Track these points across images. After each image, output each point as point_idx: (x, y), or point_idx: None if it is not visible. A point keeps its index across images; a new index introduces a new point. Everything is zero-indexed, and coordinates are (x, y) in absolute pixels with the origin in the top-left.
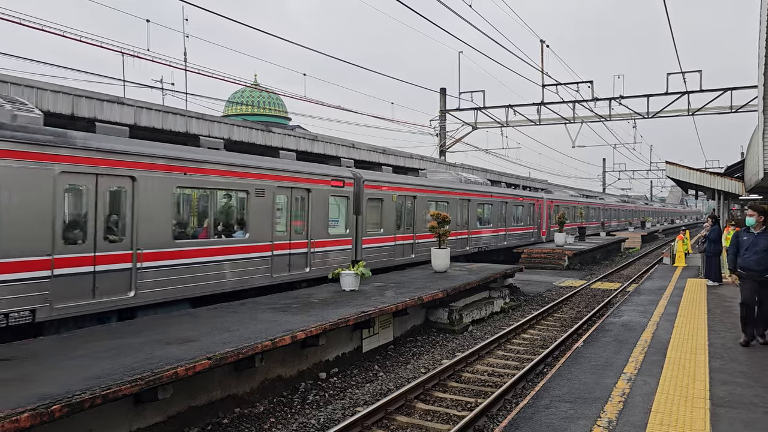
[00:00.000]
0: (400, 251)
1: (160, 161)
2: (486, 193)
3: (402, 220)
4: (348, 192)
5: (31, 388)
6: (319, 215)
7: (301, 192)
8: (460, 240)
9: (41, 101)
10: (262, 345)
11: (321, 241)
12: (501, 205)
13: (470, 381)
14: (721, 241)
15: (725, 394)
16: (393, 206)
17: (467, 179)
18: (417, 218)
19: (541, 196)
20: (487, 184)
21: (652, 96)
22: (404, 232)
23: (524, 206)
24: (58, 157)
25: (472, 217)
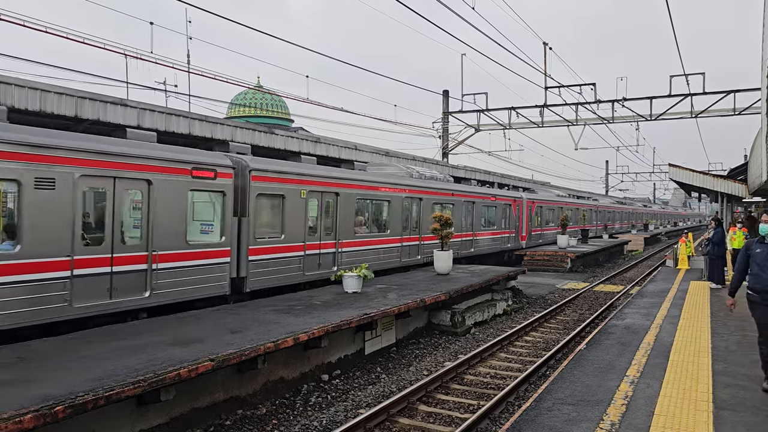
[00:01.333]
0: (314, 263)
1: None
2: (445, 190)
3: (318, 223)
4: (224, 185)
5: (34, 389)
6: (170, 217)
7: (133, 185)
8: (410, 247)
9: (45, 103)
10: (264, 347)
11: (172, 253)
12: (466, 205)
13: (473, 383)
14: (724, 244)
15: (728, 397)
16: (302, 205)
17: (422, 174)
18: (342, 220)
19: (520, 195)
20: (448, 181)
21: (655, 98)
22: (323, 237)
23: (498, 207)
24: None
25: (426, 218)
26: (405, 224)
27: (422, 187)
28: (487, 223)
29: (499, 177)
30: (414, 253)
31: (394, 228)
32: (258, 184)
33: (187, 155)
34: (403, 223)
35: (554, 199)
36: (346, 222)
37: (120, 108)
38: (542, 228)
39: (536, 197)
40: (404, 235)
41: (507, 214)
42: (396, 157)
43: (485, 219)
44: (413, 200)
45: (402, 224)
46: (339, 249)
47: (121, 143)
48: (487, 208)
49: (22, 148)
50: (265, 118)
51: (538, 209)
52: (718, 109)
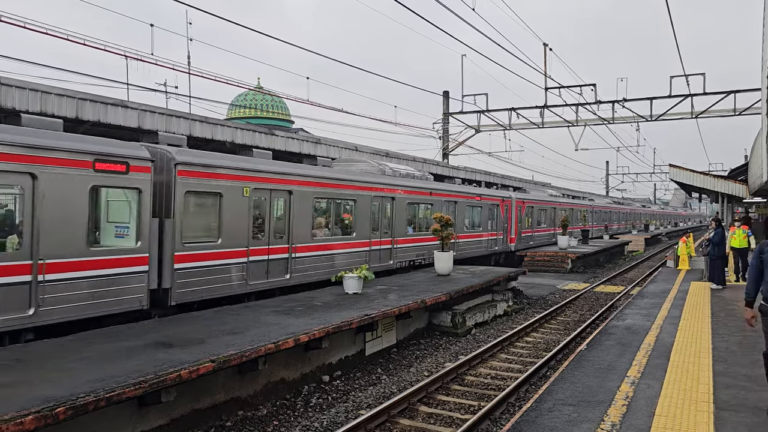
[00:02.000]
0: (260, 270)
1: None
2: (422, 189)
3: (267, 225)
4: (139, 181)
5: (35, 391)
6: (63, 219)
7: (10, 179)
8: (381, 251)
9: (46, 104)
10: (265, 348)
11: (67, 262)
12: (447, 205)
13: (473, 384)
14: (724, 245)
15: (729, 398)
16: (244, 205)
17: (396, 171)
18: (297, 222)
19: (509, 195)
20: (427, 179)
21: (656, 99)
22: (273, 242)
23: (484, 207)
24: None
25: (400, 220)
26: (375, 226)
27: (395, 185)
28: (472, 225)
29: (483, 175)
30: (386, 258)
31: (362, 230)
32: (186, 180)
33: (87, 144)
34: (373, 225)
35: (546, 199)
36: (301, 224)
37: (121, 109)
38: (533, 229)
39: (527, 197)
40: (374, 238)
41: (494, 214)
42: (396, 157)
43: (469, 220)
44: (384, 200)
45: (371, 226)
46: (293, 254)
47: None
48: (471, 208)
49: None
50: (266, 119)
51: (528, 209)
52: (719, 110)
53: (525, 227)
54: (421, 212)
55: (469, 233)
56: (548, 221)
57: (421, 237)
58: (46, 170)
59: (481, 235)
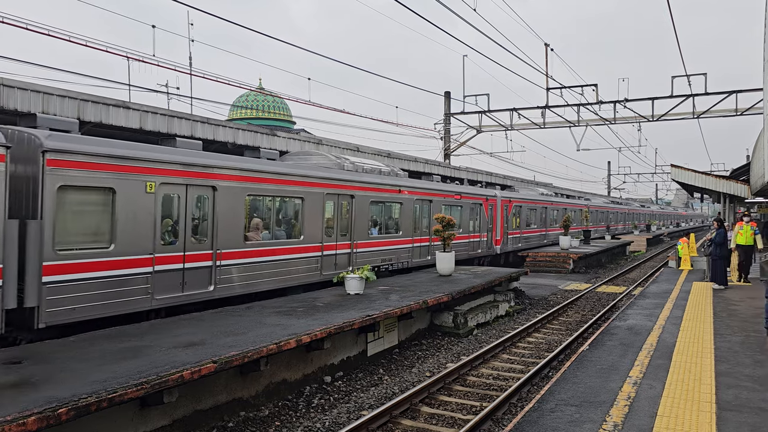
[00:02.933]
0: (173, 282)
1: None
2: (389, 186)
3: (181, 228)
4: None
5: (38, 392)
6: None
7: None
8: (337, 256)
9: (48, 106)
10: (267, 348)
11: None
12: (420, 204)
13: (475, 385)
14: (726, 245)
15: (732, 398)
16: (148, 203)
17: (358, 166)
18: (223, 223)
19: (494, 193)
20: (397, 175)
21: (657, 99)
22: (191, 247)
23: (465, 207)
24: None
25: (361, 221)
26: (329, 228)
27: (355, 181)
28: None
29: (473, 173)
30: (343, 264)
31: (312, 233)
32: (60, 172)
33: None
34: (327, 227)
35: (537, 198)
36: (230, 226)
37: (122, 110)
38: (521, 230)
39: (514, 196)
40: (328, 241)
41: (477, 215)
42: (398, 157)
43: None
44: (342, 197)
45: (324, 228)
46: (218, 262)
47: None
48: (449, 207)
49: None
50: (267, 120)
51: (516, 209)
52: (720, 110)
53: (513, 228)
54: (387, 212)
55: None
56: (539, 222)
57: (388, 240)
58: None
59: (461, 238)
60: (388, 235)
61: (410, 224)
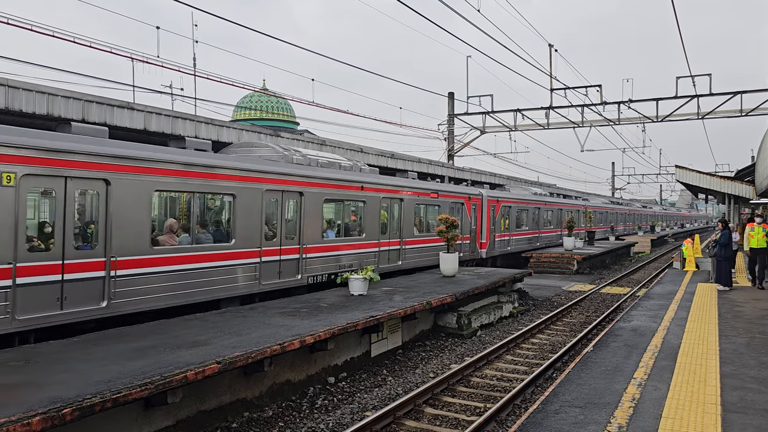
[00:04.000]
0: (47, 297)
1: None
2: (349, 182)
3: (59, 231)
4: None
5: (42, 392)
6: None
7: None
8: (282, 263)
9: (52, 107)
10: (271, 349)
11: None
12: (388, 203)
13: (479, 386)
14: (731, 246)
15: (737, 400)
16: (7, 200)
17: (311, 160)
18: (121, 225)
19: (479, 192)
20: (361, 170)
21: (662, 99)
22: (75, 254)
23: (443, 207)
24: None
25: (314, 222)
26: (271, 230)
27: (305, 176)
28: (426, 228)
29: (459, 171)
30: (291, 272)
31: (247, 236)
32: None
33: None
34: (268, 229)
35: (529, 198)
36: (130, 228)
37: (126, 111)
38: (511, 232)
39: (503, 195)
40: (269, 246)
41: (458, 215)
42: (402, 158)
43: (422, 221)
44: (288, 195)
45: (262, 230)
46: (115, 272)
47: None
48: (424, 207)
49: None
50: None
51: (505, 210)
52: (725, 111)
53: (501, 230)
54: (348, 212)
55: (421, 238)
56: (531, 223)
57: (348, 243)
58: None
59: (437, 240)
60: (348, 238)
61: (375, 225)
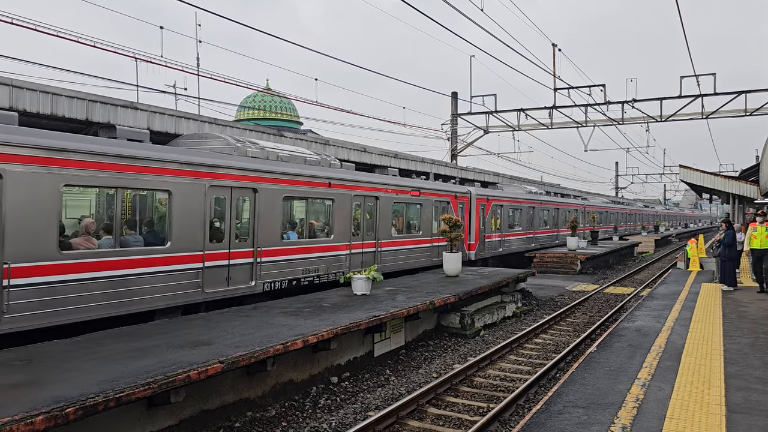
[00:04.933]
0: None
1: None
2: (314, 179)
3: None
4: None
5: (45, 391)
6: None
7: None
8: (231, 268)
9: (56, 106)
10: (274, 349)
11: None
12: (361, 201)
13: (482, 386)
14: (735, 246)
15: (741, 401)
16: None
17: (269, 152)
18: (13, 226)
19: (466, 190)
20: (331, 165)
21: (666, 99)
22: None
23: (425, 205)
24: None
25: (270, 222)
26: (218, 231)
27: (260, 171)
28: (406, 228)
29: (446, 167)
30: (243, 278)
31: (186, 237)
32: None
33: None
34: (214, 230)
35: (522, 197)
36: (30, 229)
37: (130, 111)
38: (503, 233)
39: (494, 193)
40: (213, 249)
41: (443, 214)
42: (405, 158)
43: (401, 221)
44: (239, 191)
45: (206, 232)
46: (8, 281)
47: None
48: (405, 206)
49: None
50: (274, 120)
51: (496, 209)
52: (729, 110)
53: (491, 231)
54: (313, 211)
55: (401, 239)
56: (525, 223)
57: (313, 246)
58: None
59: (419, 242)
60: (313, 240)
61: (346, 226)
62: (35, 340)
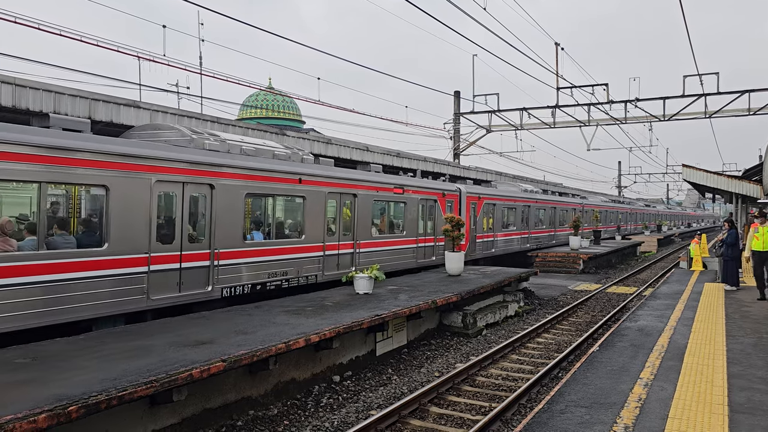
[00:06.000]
0: None
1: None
2: (283, 174)
3: None
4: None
5: (48, 389)
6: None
7: None
8: (184, 272)
9: (59, 105)
10: (276, 347)
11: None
12: (334, 199)
13: (484, 385)
14: (738, 245)
15: (744, 401)
16: None
17: (233, 146)
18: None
19: (456, 188)
20: (303, 160)
21: (669, 98)
22: None
23: (409, 204)
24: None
25: (230, 221)
26: (164, 231)
27: (217, 165)
28: (389, 228)
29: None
30: (197, 283)
31: (126, 238)
32: None
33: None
34: (162, 231)
35: (516, 195)
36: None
37: (133, 110)
38: (495, 233)
39: (486, 191)
40: (163, 250)
41: (430, 214)
42: (408, 157)
43: (383, 221)
44: (192, 188)
45: (151, 231)
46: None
47: None
48: (386, 204)
49: None
50: (277, 119)
51: (488, 208)
52: (733, 109)
53: (483, 230)
54: (282, 209)
55: (383, 240)
56: (520, 223)
57: (280, 247)
58: None
59: (403, 242)
60: (282, 240)
61: (319, 225)
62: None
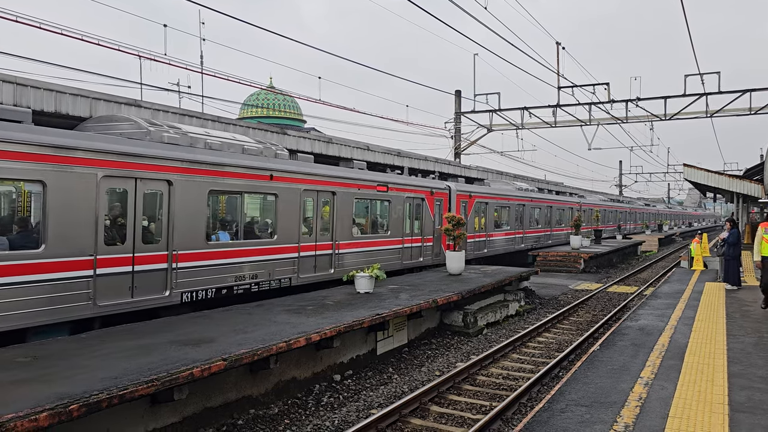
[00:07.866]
0: None
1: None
2: (247, 170)
3: None
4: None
5: (49, 388)
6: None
7: None
8: (137, 276)
9: (60, 104)
10: (276, 346)
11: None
12: (311, 197)
13: (485, 384)
14: (739, 245)
15: (745, 400)
16: None
17: (198, 139)
18: None
19: (445, 186)
20: (277, 155)
21: (670, 98)
22: None
23: (394, 202)
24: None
25: (192, 220)
26: (115, 231)
27: (176, 160)
28: (371, 227)
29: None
30: (153, 287)
31: (67, 239)
32: None
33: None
34: (107, 230)
35: (509, 194)
36: None
37: (134, 108)
38: (488, 233)
39: (477, 190)
40: (108, 252)
41: (417, 213)
42: (408, 156)
43: (366, 220)
44: (146, 184)
45: (98, 232)
46: None
47: None
48: (369, 202)
49: None
50: (278, 118)
51: (480, 207)
52: (734, 109)
53: (475, 230)
54: (251, 208)
55: (365, 240)
56: (514, 222)
57: (249, 248)
58: None
59: (388, 243)
60: (250, 241)
61: (293, 225)
62: None
